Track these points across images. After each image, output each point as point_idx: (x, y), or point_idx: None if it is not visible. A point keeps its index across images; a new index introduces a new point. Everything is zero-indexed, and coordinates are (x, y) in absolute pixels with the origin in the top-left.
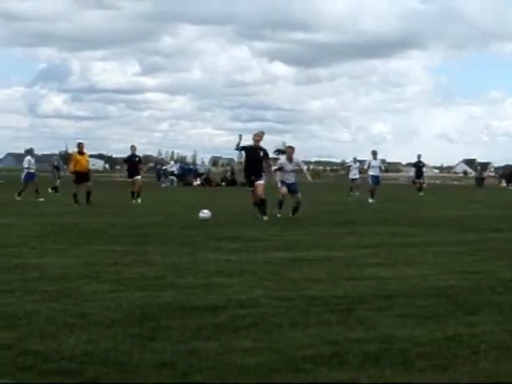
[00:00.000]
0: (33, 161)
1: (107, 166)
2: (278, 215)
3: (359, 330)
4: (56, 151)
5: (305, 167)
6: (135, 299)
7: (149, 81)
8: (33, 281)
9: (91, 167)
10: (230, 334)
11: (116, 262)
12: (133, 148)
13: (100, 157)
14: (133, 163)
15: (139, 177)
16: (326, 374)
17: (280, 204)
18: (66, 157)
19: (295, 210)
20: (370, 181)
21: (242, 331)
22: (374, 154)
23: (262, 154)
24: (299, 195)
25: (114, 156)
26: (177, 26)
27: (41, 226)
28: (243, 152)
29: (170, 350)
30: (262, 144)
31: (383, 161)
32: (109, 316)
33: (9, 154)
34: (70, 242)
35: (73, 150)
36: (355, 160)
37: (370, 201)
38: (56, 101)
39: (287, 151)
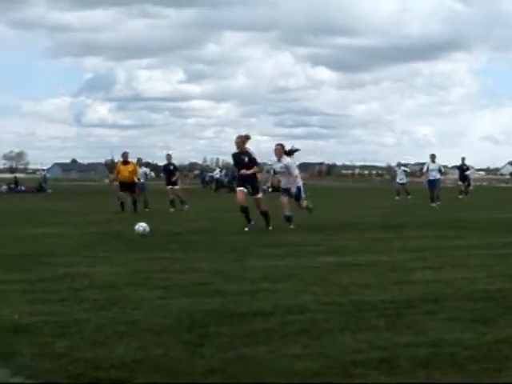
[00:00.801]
0: (148, 171)
1: (153, 173)
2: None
3: (408, 334)
4: (102, 160)
5: (296, 171)
6: (184, 306)
7: (193, 88)
8: (82, 289)
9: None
10: (279, 340)
11: (163, 269)
12: (168, 156)
13: (146, 165)
14: (168, 171)
15: (176, 186)
16: (375, 378)
17: (288, 218)
18: (111, 166)
19: (309, 210)
20: (427, 185)
21: (291, 337)
22: (433, 157)
23: (247, 159)
24: (303, 202)
25: (159, 164)
26: (220, 34)
27: (88, 235)
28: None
29: (220, 356)
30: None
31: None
32: (158, 323)
33: (56, 164)
34: (117, 249)
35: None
36: (399, 164)
37: (433, 205)
38: (101, 110)
39: (275, 147)
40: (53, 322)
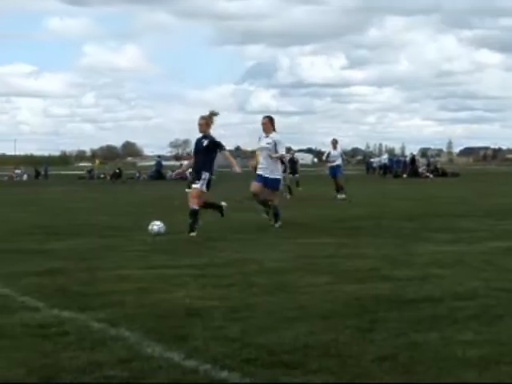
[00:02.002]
0: (335, 153)
1: (316, 160)
2: (264, 215)
3: None
4: None
5: (283, 150)
6: (352, 291)
7: (356, 74)
8: (251, 274)
9: (300, 162)
10: (449, 326)
11: (329, 255)
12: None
13: (309, 151)
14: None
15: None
16: None
17: (263, 203)
18: None
19: (274, 215)
20: None
21: (462, 323)
22: None
23: (206, 143)
24: (275, 195)
25: (322, 150)
26: (383, 18)
27: (251, 222)
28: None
29: (390, 342)
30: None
31: None
32: (326, 308)
33: None
34: (281, 235)
35: None
36: None
37: None
38: (264, 97)
39: (262, 121)
40: (224, 306)
